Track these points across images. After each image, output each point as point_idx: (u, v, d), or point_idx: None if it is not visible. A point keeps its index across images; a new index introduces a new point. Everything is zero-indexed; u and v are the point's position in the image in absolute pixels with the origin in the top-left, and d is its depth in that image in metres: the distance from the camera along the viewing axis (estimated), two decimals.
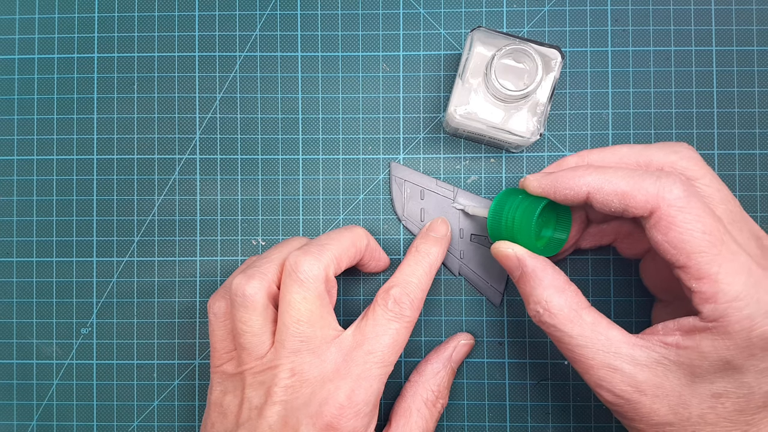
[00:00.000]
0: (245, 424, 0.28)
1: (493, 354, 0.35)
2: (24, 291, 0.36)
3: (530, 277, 0.28)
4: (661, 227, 0.25)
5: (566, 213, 0.31)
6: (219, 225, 0.36)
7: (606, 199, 0.26)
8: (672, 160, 0.27)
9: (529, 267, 0.28)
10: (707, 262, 0.24)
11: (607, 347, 0.26)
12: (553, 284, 0.27)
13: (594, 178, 0.26)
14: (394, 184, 0.35)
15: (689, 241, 0.24)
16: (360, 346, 0.28)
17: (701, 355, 0.24)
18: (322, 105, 0.36)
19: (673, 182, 0.25)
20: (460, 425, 0.35)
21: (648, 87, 0.35)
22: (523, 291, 0.28)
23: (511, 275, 0.29)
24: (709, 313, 0.24)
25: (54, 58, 0.36)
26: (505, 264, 0.29)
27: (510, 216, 0.29)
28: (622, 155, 0.28)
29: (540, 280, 0.27)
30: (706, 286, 0.24)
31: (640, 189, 0.25)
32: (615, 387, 0.25)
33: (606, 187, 0.26)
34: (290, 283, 0.28)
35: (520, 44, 0.29)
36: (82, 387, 0.36)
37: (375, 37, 0.36)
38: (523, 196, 0.30)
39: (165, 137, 0.36)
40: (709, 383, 0.24)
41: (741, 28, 0.35)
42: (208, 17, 0.36)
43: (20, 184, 0.36)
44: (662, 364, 0.25)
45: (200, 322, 0.36)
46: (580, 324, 0.26)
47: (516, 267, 0.28)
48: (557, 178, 0.27)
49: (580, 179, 0.27)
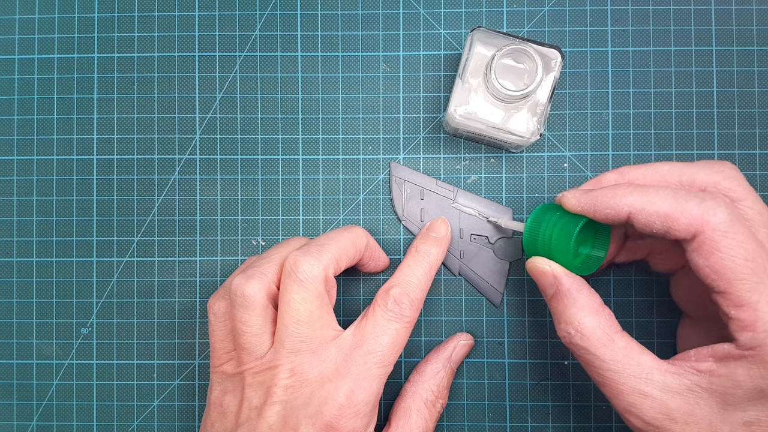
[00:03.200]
0: (245, 424, 0.28)
1: (493, 354, 0.35)
2: (24, 291, 0.36)
3: (564, 296, 0.27)
4: (703, 252, 0.24)
5: (605, 231, 0.30)
6: (219, 225, 0.36)
7: (648, 220, 0.25)
8: (716, 180, 0.26)
9: (565, 286, 0.27)
10: (748, 289, 0.23)
11: (638, 373, 0.25)
12: (587, 305, 0.27)
13: (636, 199, 0.25)
14: (394, 184, 0.35)
15: (731, 268, 0.24)
16: (360, 346, 0.28)
17: (735, 383, 0.24)
18: (322, 105, 0.36)
19: (717, 205, 0.24)
20: (460, 425, 0.35)
21: (648, 87, 0.35)
22: (555, 310, 0.28)
23: (544, 293, 0.28)
24: (747, 341, 0.23)
25: (54, 58, 0.36)
26: (540, 281, 0.28)
27: (548, 233, 0.29)
28: (664, 173, 0.27)
29: (574, 300, 0.27)
30: (745, 314, 0.23)
31: (683, 211, 0.24)
32: (645, 414, 0.25)
33: (648, 208, 0.25)
34: (290, 284, 0.28)
35: (520, 44, 0.29)
36: (82, 387, 0.36)
37: (375, 37, 0.36)
38: (561, 212, 0.29)
39: (165, 137, 0.36)
40: (742, 411, 0.24)
41: (741, 28, 0.35)
42: (208, 17, 0.36)
43: (20, 184, 0.36)
44: (694, 391, 0.24)
45: (200, 322, 0.36)
46: (612, 348, 0.26)
47: (551, 285, 0.28)
48: (597, 197, 0.27)
49: (622, 199, 0.26)
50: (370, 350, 0.28)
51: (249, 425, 0.28)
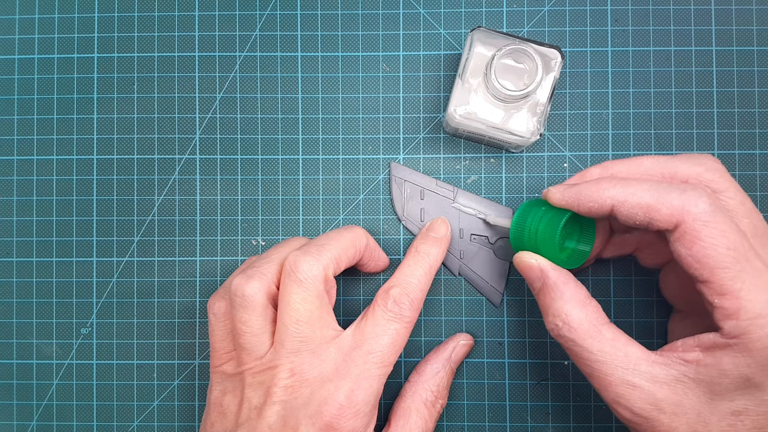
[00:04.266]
0: (245, 424, 0.28)
1: (493, 354, 0.35)
2: (24, 291, 0.36)
3: (551, 289, 0.27)
4: (685, 241, 0.24)
5: (590, 225, 0.30)
6: (219, 225, 0.36)
7: (630, 212, 0.26)
8: (697, 171, 0.27)
9: (552, 279, 0.27)
10: (730, 278, 0.24)
11: (626, 364, 0.25)
12: (574, 298, 0.27)
13: (618, 191, 0.26)
14: (394, 184, 0.35)
15: (713, 257, 0.24)
16: (359, 346, 0.28)
17: (722, 372, 0.24)
18: (322, 105, 0.36)
19: (698, 195, 0.24)
20: (460, 425, 0.35)
21: (648, 87, 0.35)
22: (542, 303, 0.28)
23: (531, 286, 0.29)
24: (731, 329, 0.24)
25: (54, 58, 0.36)
26: (527, 275, 0.29)
27: (533, 228, 0.29)
28: (647, 167, 0.28)
29: (561, 293, 0.27)
30: (729, 302, 0.24)
31: (664, 202, 0.25)
32: (634, 404, 0.25)
33: (630, 200, 0.25)
34: (289, 284, 0.28)
35: (520, 44, 0.29)
36: (82, 387, 0.36)
37: (375, 37, 0.36)
38: (547, 207, 0.29)
39: (165, 137, 0.36)
40: (729, 401, 0.24)
41: (741, 28, 0.35)
42: (208, 17, 0.36)
43: (20, 184, 0.36)
44: (682, 381, 0.25)
45: (200, 322, 0.36)
46: (600, 339, 0.26)
47: (537, 278, 0.28)
48: (581, 191, 0.27)
49: (604, 192, 0.26)
50: (370, 350, 0.28)
51: (249, 425, 0.28)
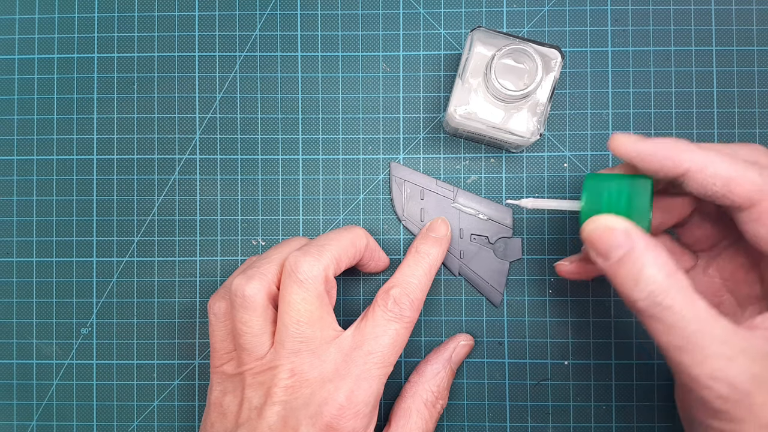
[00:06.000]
0: (245, 424, 0.28)
1: (493, 354, 0.35)
2: (24, 291, 0.36)
3: (642, 254, 0.24)
4: (764, 220, 0.24)
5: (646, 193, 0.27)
6: (219, 225, 0.36)
7: (707, 180, 0.24)
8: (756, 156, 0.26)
9: (643, 244, 0.25)
10: None
11: (723, 336, 0.23)
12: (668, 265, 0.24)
13: (699, 156, 0.25)
14: (394, 184, 0.35)
15: None
16: (360, 346, 0.28)
17: None
18: (322, 105, 0.36)
19: None
20: (460, 425, 0.35)
21: (648, 87, 0.35)
22: (627, 272, 0.25)
23: (607, 255, 0.25)
24: None
25: (54, 58, 0.36)
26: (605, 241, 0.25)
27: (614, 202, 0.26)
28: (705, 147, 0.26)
29: (655, 258, 0.24)
30: None
31: (746, 177, 0.24)
32: (735, 378, 0.23)
33: (710, 168, 0.24)
34: (290, 284, 0.28)
35: (520, 44, 0.29)
36: (82, 387, 0.36)
37: (375, 37, 0.36)
38: (617, 180, 0.27)
39: (165, 137, 0.36)
40: None
41: (741, 28, 0.35)
42: (208, 17, 0.36)
43: (20, 184, 0.36)
44: None
45: (200, 322, 0.36)
46: (696, 309, 0.24)
47: (619, 245, 0.25)
48: (657, 145, 0.25)
49: (683, 153, 0.25)
50: (370, 350, 0.28)
51: (249, 425, 0.28)
